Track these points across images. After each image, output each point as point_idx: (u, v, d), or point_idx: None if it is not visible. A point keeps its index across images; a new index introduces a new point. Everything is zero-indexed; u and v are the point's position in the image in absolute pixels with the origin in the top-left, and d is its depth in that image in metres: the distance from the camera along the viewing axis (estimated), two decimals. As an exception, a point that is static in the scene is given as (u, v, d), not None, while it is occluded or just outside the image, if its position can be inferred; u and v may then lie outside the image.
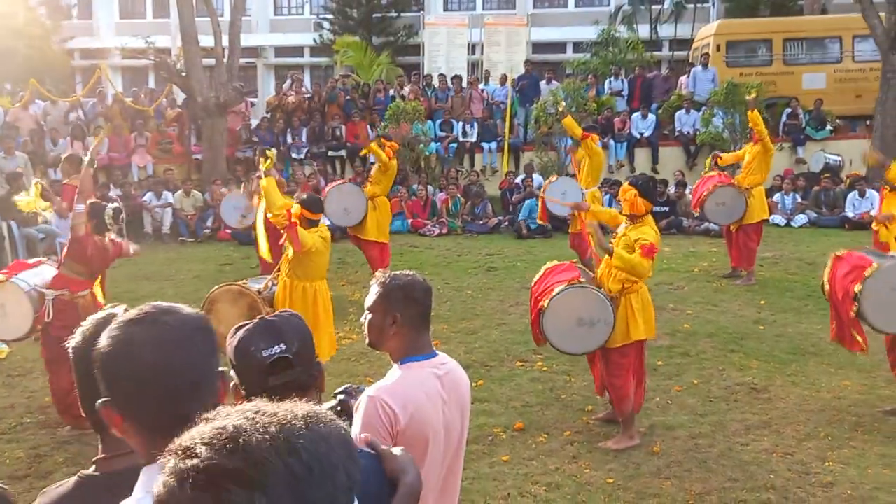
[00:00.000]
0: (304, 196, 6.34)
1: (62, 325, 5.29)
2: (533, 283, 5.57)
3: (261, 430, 0.90)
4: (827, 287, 5.61)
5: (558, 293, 5.15)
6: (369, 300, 2.57)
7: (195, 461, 0.88)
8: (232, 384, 1.91)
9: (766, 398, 5.95)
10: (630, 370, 5.27)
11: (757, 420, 5.55)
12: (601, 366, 5.41)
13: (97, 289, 6.04)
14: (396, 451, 1.61)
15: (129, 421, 1.37)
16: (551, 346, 5.37)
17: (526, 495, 4.57)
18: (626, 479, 4.74)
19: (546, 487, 4.65)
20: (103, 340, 1.39)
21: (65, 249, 5.95)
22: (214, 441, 0.89)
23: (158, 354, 1.36)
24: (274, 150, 6.57)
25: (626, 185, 5.31)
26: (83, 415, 1.68)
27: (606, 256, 5.17)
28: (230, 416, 0.94)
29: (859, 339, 5.41)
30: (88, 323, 1.68)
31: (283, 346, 1.99)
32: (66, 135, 15.05)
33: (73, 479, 1.65)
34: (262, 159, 6.29)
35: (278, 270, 6.31)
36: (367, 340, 2.61)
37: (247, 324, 2.08)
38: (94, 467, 1.65)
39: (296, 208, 5.97)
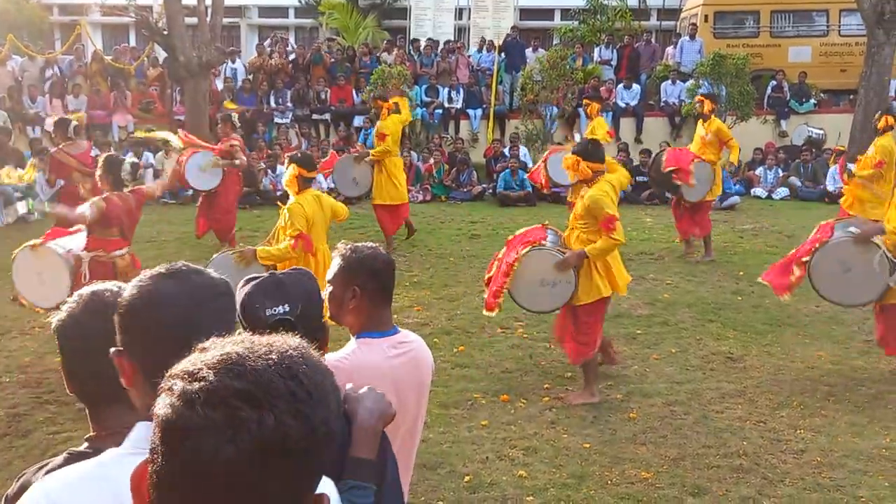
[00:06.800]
0: (298, 154, 5.93)
1: None
2: (504, 252, 5.69)
3: (263, 356, 0.97)
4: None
5: (522, 255, 5.43)
6: (330, 272, 2.52)
7: (203, 383, 0.93)
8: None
9: (742, 367, 6.06)
10: (597, 327, 5.47)
11: (732, 389, 5.65)
12: (568, 323, 5.55)
13: None
14: (347, 386, 1.71)
15: (140, 372, 1.40)
16: (519, 306, 5.71)
17: (504, 459, 4.65)
18: (603, 444, 4.83)
19: (524, 451, 4.73)
20: (131, 290, 1.43)
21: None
22: (219, 365, 0.95)
23: (185, 309, 1.40)
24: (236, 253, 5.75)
25: (568, 156, 5.40)
26: (71, 393, 1.70)
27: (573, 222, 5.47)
28: (227, 345, 0.99)
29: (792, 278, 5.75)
30: (73, 300, 1.70)
31: (286, 308, 2.03)
32: (43, 92, 14.78)
33: (62, 455, 1.63)
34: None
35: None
36: (327, 314, 2.52)
37: (256, 278, 2.14)
38: (85, 444, 1.65)
39: (293, 169, 5.61)
